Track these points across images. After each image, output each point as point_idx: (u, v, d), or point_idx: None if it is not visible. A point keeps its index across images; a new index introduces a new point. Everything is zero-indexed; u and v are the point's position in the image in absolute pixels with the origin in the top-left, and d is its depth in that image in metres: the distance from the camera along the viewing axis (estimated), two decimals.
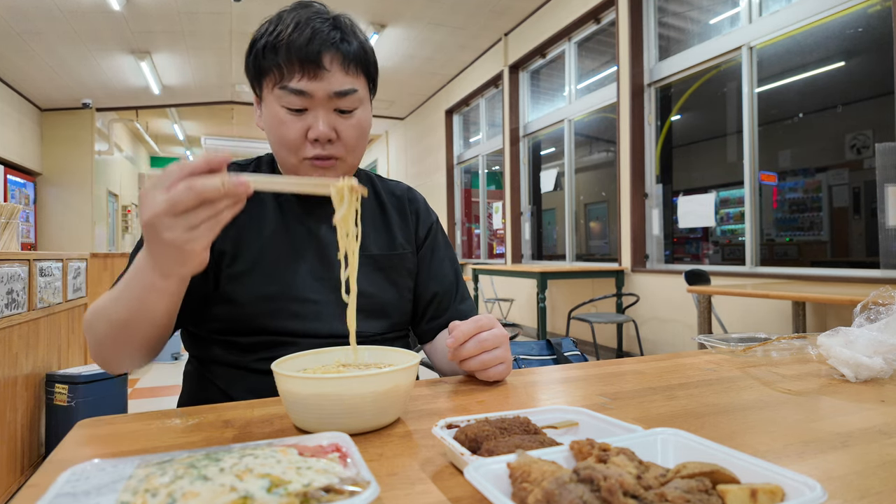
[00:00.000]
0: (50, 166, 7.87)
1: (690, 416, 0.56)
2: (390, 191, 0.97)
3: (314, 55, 0.73)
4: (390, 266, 0.89)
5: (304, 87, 0.74)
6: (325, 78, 0.75)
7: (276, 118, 0.77)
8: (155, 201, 0.50)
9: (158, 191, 0.51)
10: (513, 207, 6.26)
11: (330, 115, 0.77)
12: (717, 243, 4.29)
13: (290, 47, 0.73)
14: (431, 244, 0.97)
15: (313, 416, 0.51)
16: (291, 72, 0.74)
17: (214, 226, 0.52)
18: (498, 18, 5.78)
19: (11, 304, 1.87)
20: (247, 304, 0.79)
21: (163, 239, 0.51)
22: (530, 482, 0.33)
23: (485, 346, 0.68)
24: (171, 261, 0.54)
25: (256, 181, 0.54)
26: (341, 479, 0.35)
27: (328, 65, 0.75)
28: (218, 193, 0.50)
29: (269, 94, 0.77)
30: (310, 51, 0.73)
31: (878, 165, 2.82)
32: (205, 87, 7.59)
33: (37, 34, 5.64)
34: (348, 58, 0.76)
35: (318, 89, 0.75)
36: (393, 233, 0.92)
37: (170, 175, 0.51)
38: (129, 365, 0.73)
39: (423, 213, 0.98)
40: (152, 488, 0.33)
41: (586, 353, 4.24)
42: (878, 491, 0.38)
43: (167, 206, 0.50)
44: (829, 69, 3.49)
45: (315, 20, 0.75)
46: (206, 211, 0.51)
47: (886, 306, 0.76)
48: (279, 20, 0.77)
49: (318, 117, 0.76)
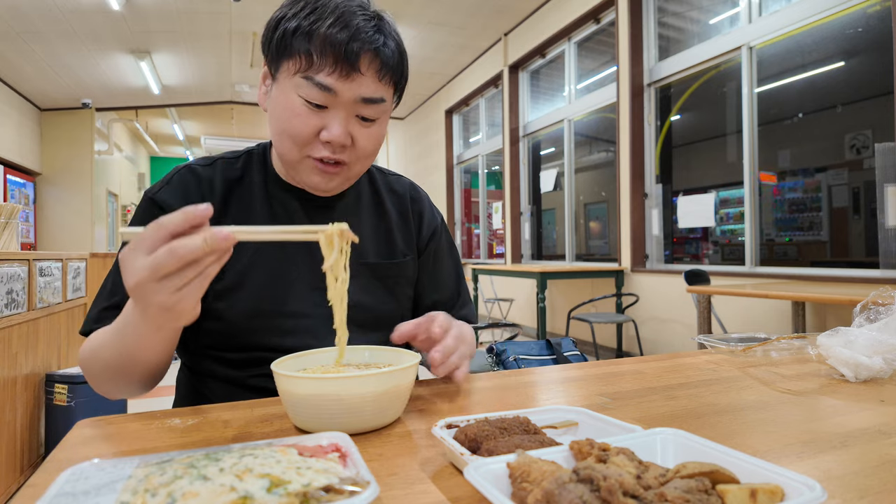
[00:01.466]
0: (49, 166, 7.86)
1: (690, 416, 0.56)
2: (391, 188, 0.91)
3: (352, 55, 0.67)
4: (389, 275, 0.85)
5: (332, 85, 0.68)
6: (356, 80, 0.69)
7: (289, 107, 0.70)
8: (136, 267, 0.48)
9: (139, 254, 0.48)
10: (512, 207, 6.26)
11: (350, 119, 0.71)
12: (717, 243, 4.29)
13: (327, 39, 0.67)
14: (434, 249, 0.92)
15: (313, 416, 0.51)
16: (322, 64, 0.68)
17: (202, 282, 0.50)
18: (498, 18, 5.78)
19: (11, 304, 1.87)
20: (236, 321, 0.75)
21: (151, 302, 0.50)
22: (530, 482, 0.33)
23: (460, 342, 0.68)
24: (163, 319, 0.52)
25: (241, 233, 0.51)
26: (341, 479, 0.35)
27: (364, 68, 0.69)
28: (202, 253, 0.48)
29: (288, 78, 0.70)
30: (349, 49, 0.67)
31: (878, 165, 2.83)
32: (204, 86, 7.59)
33: (36, 34, 5.64)
34: (386, 65, 0.71)
35: (347, 90, 0.69)
36: (393, 238, 0.87)
37: (149, 237, 0.48)
38: (129, 395, 0.71)
39: (427, 215, 0.93)
40: (152, 488, 0.33)
41: (586, 353, 4.24)
42: (878, 491, 0.38)
43: (150, 272, 0.47)
44: (829, 69, 3.50)
45: (359, 16, 0.69)
46: (192, 271, 0.49)
47: (886, 306, 0.76)
48: (319, 4, 0.69)
49: (338, 120, 0.70)
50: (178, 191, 0.77)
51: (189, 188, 0.78)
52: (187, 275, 0.48)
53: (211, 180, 0.79)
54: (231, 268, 0.77)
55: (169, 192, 0.77)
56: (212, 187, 0.79)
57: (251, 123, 9.72)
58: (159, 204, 0.76)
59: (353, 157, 0.74)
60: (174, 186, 0.78)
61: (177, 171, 0.81)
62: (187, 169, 0.80)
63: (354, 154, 0.74)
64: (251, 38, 5.97)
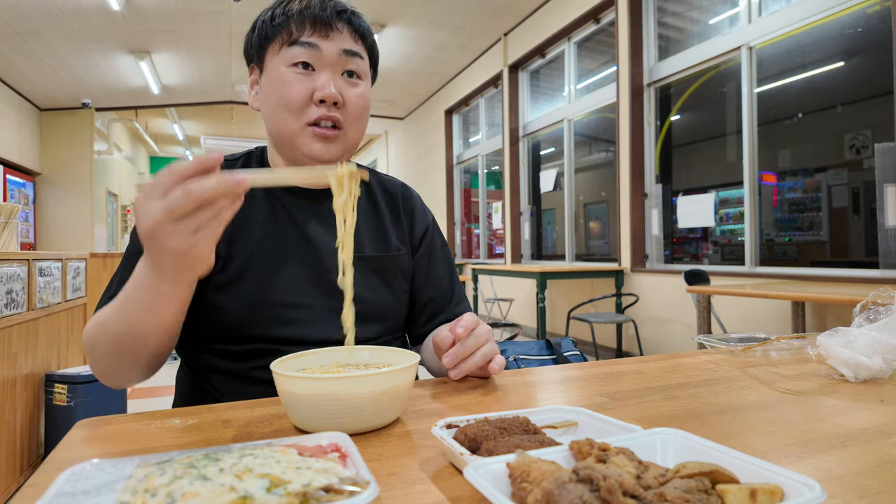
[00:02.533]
0: (49, 166, 7.86)
1: (690, 416, 0.56)
2: (384, 188, 0.94)
3: (326, 17, 0.76)
4: (384, 268, 0.87)
5: (315, 41, 0.76)
6: (335, 37, 0.77)
7: (280, 80, 0.77)
8: (151, 210, 0.49)
9: (153, 199, 0.49)
10: (512, 207, 6.26)
11: (337, 78, 0.78)
12: (717, 243, 4.30)
13: (301, 12, 0.76)
14: (428, 247, 0.95)
15: (313, 416, 0.51)
16: (301, 29, 0.76)
17: (217, 227, 0.51)
18: (497, 18, 5.78)
19: (11, 304, 1.87)
20: (237, 313, 0.76)
21: (166, 247, 0.50)
22: (530, 482, 0.33)
23: (480, 340, 0.69)
24: (179, 268, 0.53)
25: (253, 178, 0.52)
26: (341, 479, 0.35)
27: (339, 26, 0.77)
28: (215, 194, 0.48)
29: (274, 59, 0.78)
30: (322, 14, 0.76)
31: (878, 165, 2.83)
32: (204, 86, 7.59)
33: (36, 34, 5.64)
34: (358, 29, 0.80)
35: (328, 45, 0.77)
36: (387, 233, 0.89)
37: (163, 181, 0.49)
38: (132, 380, 0.71)
39: (419, 214, 0.95)
40: (152, 488, 0.33)
41: (586, 353, 4.24)
42: (878, 491, 0.38)
43: (165, 214, 0.48)
44: (829, 69, 3.50)
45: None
46: (206, 213, 0.49)
47: (886, 306, 0.76)
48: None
49: (326, 77, 0.76)
50: None
51: None
52: (202, 217, 0.49)
53: None
54: (232, 260, 0.78)
55: None
56: None
57: (251, 123, 9.71)
58: None
59: (345, 118, 0.79)
60: None
61: None
62: None
63: (346, 114, 0.79)
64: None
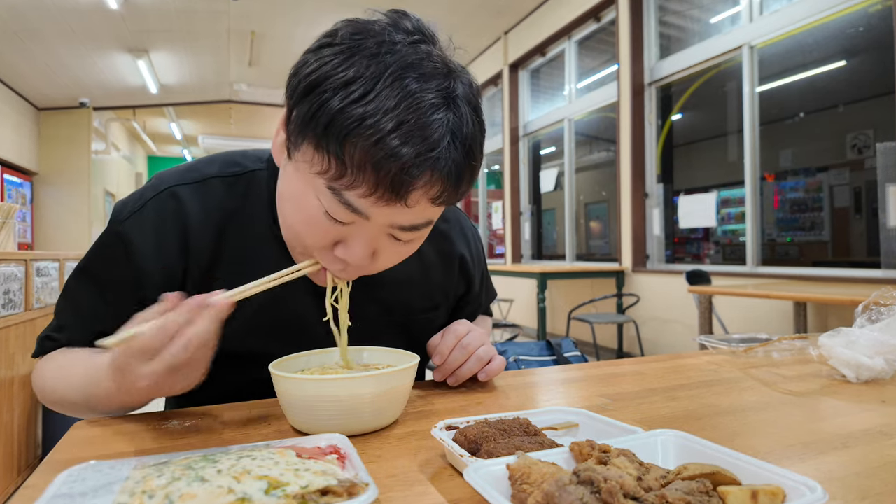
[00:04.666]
0: (47, 166, 7.85)
1: (691, 418, 0.56)
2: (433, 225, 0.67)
3: (405, 185, 0.49)
4: (419, 331, 0.74)
5: (366, 210, 0.51)
6: (398, 208, 0.51)
7: (304, 207, 0.54)
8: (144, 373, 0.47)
9: (142, 362, 0.47)
10: (512, 207, 6.26)
11: (378, 238, 0.55)
12: (718, 243, 4.29)
13: (376, 160, 0.47)
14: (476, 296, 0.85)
15: (311, 418, 0.51)
16: (359, 183, 0.49)
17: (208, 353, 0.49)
18: (498, 17, 5.78)
19: (8, 305, 1.87)
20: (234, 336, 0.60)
21: (164, 394, 0.50)
22: (530, 484, 0.32)
23: (469, 350, 0.67)
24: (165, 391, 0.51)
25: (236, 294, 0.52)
26: (339, 481, 0.34)
27: (413, 200, 0.50)
28: (212, 335, 0.48)
29: (309, 171, 0.52)
30: (400, 179, 0.48)
31: (880, 165, 2.82)
32: (202, 85, 7.58)
33: (34, 33, 5.64)
34: (446, 190, 0.52)
35: (383, 216, 0.52)
36: (430, 288, 0.76)
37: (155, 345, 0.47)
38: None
39: (475, 258, 0.82)
40: (149, 490, 0.33)
41: (586, 353, 4.24)
42: (879, 492, 0.38)
43: (167, 372, 0.47)
44: (830, 69, 3.50)
45: (430, 119, 0.48)
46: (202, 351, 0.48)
47: (888, 307, 0.75)
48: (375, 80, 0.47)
49: (361, 241, 0.54)
50: (150, 224, 0.62)
51: (165, 221, 0.62)
52: (200, 356, 0.48)
53: (200, 211, 0.63)
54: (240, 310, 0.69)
55: (138, 225, 0.62)
56: (201, 221, 0.63)
57: (249, 122, 9.71)
58: (125, 240, 0.61)
59: (369, 271, 0.59)
60: (147, 217, 0.62)
61: (155, 192, 0.63)
62: (168, 193, 0.63)
63: (373, 268, 0.59)
64: (249, 37, 5.96)
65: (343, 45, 0.50)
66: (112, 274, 0.63)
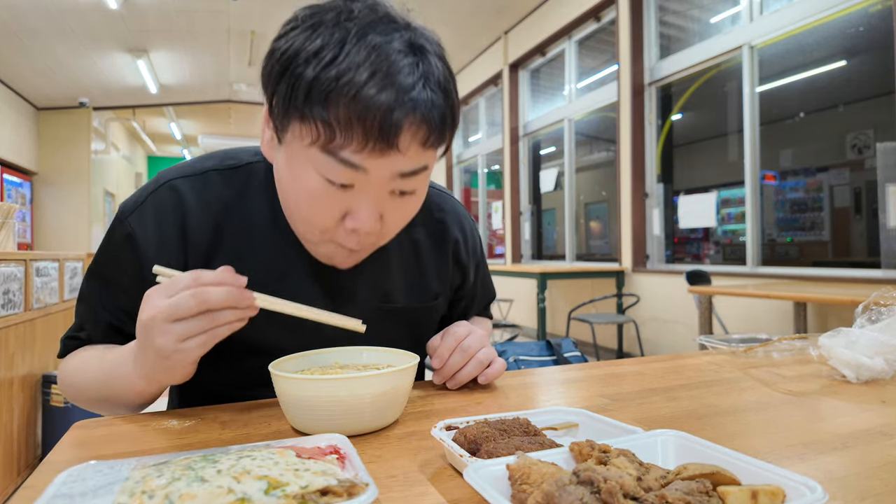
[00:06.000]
0: (46, 166, 7.85)
1: (691, 418, 0.56)
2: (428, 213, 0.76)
3: (391, 129, 0.51)
4: (418, 321, 0.76)
5: (363, 163, 0.53)
6: (393, 156, 0.53)
7: (304, 186, 0.56)
8: (156, 304, 0.51)
9: (163, 295, 0.51)
10: (512, 207, 6.26)
11: (382, 198, 0.57)
12: (718, 243, 4.30)
13: (357, 105, 0.49)
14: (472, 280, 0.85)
15: (311, 418, 0.51)
16: (349, 139, 0.51)
17: (209, 339, 0.51)
18: (498, 17, 5.78)
19: (8, 305, 1.87)
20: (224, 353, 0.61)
21: (153, 343, 0.51)
22: (530, 484, 0.32)
23: (470, 352, 0.67)
24: (157, 367, 0.53)
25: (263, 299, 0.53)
26: (339, 481, 0.34)
27: (404, 144, 0.52)
28: (222, 303, 0.50)
29: (301, 147, 0.54)
30: (387, 124, 0.50)
31: (880, 165, 2.82)
32: (202, 85, 7.59)
33: (33, 32, 5.63)
34: (433, 131, 0.54)
35: (381, 167, 0.53)
36: (426, 279, 0.77)
37: (182, 281, 0.51)
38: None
39: (470, 248, 0.82)
40: (149, 490, 0.33)
41: (586, 353, 4.24)
42: (879, 492, 0.38)
43: (167, 311, 0.50)
44: (830, 69, 3.50)
45: (399, 64, 0.51)
46: (204, 321, 0.50)
47: (888, 307, 0.75)
48: (341, 43, 0.50)
49: (367, 202, 0.56)
50: (151, 217, 0.64)
51: (165, 215, 0.64)
52: (199, 324, 0.50)
53: (198, 203, 0.65)
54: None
55: (140, 218, 0.64)
56: (199, 213, 0.65)
57: (249, 122, 9.71)
58: (127, 234, 0.63)
59: (381, 236, 0.62)
60: (148, 211, 0.64)
61: (155, 187, 0.66)
62: (168, 187, 0.65)
63: (384, 232, 0.61)
64: (249, 37, 5.96)
65: (305, 23, 0.53)
66: (120, 269, 0.65)
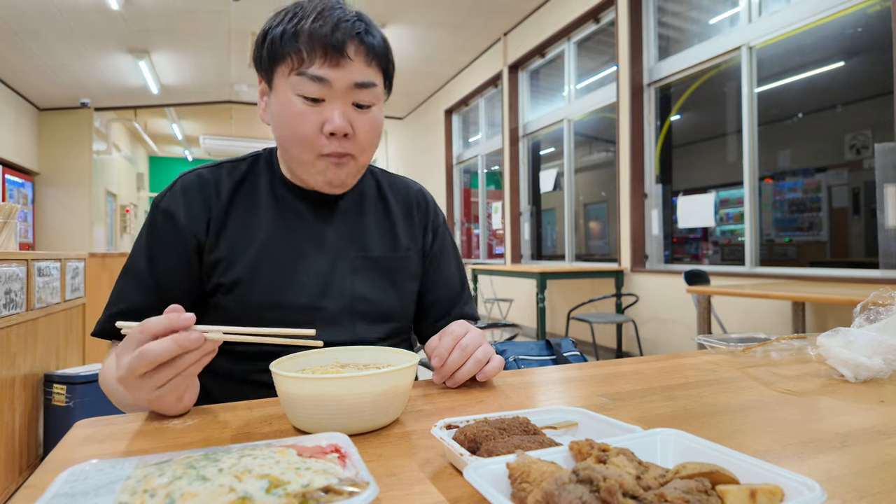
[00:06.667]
0: (48, 166, 7.85)
1: (690, 417, 0.56)
2: (396, 188, 0.95)
3: (338, 43, 0.71)
4: (393, 269, 0.87)
5: (325, 75, 0.72)
6: (346, 67, 0.72)
7: (289, 109, 0.74)
8: (121, 363, 0.53)
9: (126, 351, 0.53)
10: (512, 207, 6.26)
11: (348, 108, 0.75)
12: (717, 243, 4.29)
13: (312, 34, 0.71)
14: (440, 247, 0.95)
15: (312, 417, 0.51)
16: (312, 58, 0.71)
17: (181, 381, 0.54)
18: (497, 18, 5.78)
19: (9, 305, 1.87)
20: (243, 315, 0.77)
21: (134, 395, 0.54)
22: (529, 483, 0.32)
23: (468, 351, 0.68)
24: (153, 407, 0.57)
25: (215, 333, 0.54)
26: (340, 480, 0.34)
27: (352, 54, 0.72)
28: (170, 355, 0.51)
29: (283, 82, 0.74)
30: (334, 39, 0.71)
31: (878, 165, 2.83)
32: (203, 86, 7.59)
33: (35, 33, 5.63)
34: (371, 50, 0.74)
35: (340, 78, 0.72)
36: (396, 234, 0.90)
37: (135, 337, 0.53)
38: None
39: (432, 215, 0.96)
40: (151, 489, 0.33)
41: (586, 353, 4.24)
42: (877, 491, 0.38)
43: (128, 372, 0.52)
44: (829, 69, 3.50)
45: (338, 10, 0.73)
46: (167, 371, 0.52)
47: (886, 307, 0.76)
48: (298, 9, 0.74)
49: (336, 109, 0.73)
50: (181, 197, 0.80)
51: (192, 193, 0.80)
52: (163, 375, 0.52)
53: (217, 182, 0.82)
54: (239, 260, 0.78)
55: (172, 199, 0.80)
56: (217, 189, 0.81)
57: (250, 123, 9.71)
58: (164, 211, 0.79)
59: (357, 149, 0.77)
60: (177, 193, 0.80)
61: (181, 177, 0.83)
62: (191, 174, 0.83)
63: (357, 144, 0.77)
64: (250, 38, 5.96)
65: (282, 11, 0.75)
66: (160, 241, 0.78)
